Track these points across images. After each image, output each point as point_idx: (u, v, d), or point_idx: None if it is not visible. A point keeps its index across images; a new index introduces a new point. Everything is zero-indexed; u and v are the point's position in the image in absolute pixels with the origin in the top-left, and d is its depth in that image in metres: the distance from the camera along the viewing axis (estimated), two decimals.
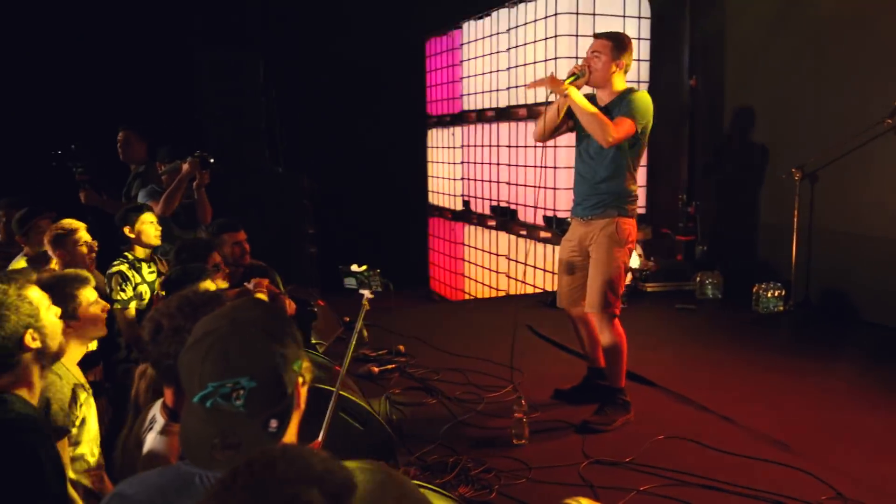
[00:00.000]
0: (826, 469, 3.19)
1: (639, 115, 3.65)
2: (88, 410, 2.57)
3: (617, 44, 3.74)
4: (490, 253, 8.07)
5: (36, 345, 2.05)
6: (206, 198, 4.91)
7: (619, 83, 3.79)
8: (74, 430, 2.47)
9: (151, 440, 1.93)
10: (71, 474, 2.45)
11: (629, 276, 6.13)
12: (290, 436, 1.40)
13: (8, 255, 4.34)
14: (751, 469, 3.25)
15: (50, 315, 2.13)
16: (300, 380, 1.38)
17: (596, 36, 3.86)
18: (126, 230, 4.00)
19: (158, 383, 2.01)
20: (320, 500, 0.97)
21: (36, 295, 2.11)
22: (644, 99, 3.71)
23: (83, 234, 3.70)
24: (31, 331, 2.04)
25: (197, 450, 1.34)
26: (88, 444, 2.57)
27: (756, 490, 3.03)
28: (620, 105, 3.71)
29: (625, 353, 3.81)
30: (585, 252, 3.86)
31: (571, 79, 3.74)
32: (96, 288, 2.78)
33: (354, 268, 2.67)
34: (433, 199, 9.49)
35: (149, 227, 4.03)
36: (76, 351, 2.64)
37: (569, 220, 3.94)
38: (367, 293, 2.57)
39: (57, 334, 2.14)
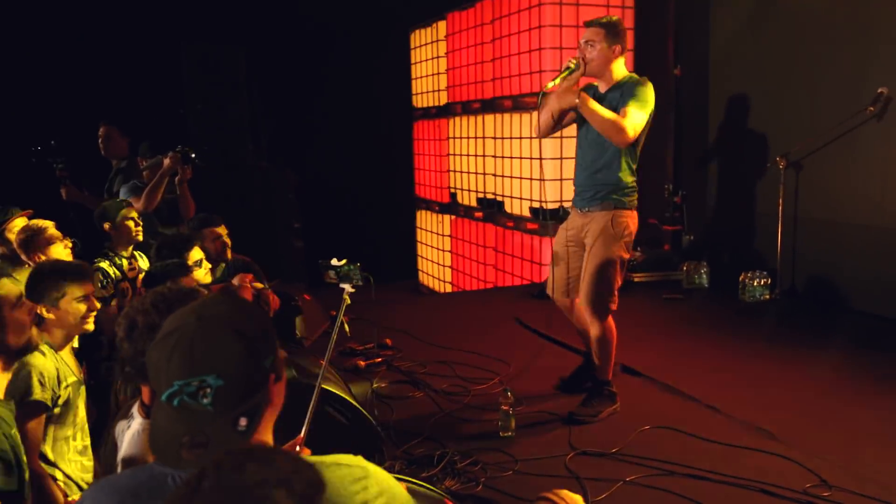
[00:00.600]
0: (811, 456, 3.20)
1: (647, 104, 3.52)
2: (78, 399, 2.58)
3: (610, 29, 3.61)
4: (477, 245, 8.06)
5: None
6: (189, 193, 4.87)
7: (619, 70, 3.66)
8: (57, 410, 2.48)
9: (129, 439, 1.91)
10: (49, 451, 2.47)
11: None
12: (267, 432, 1.37)
13: None
14: (736, 457, 3.25)
15: (15, 311, 2.14)
16: (272, 376, 1.35)
17: (586, 24, 3.71)
18: (106, 226, 3.97)
19: (135, 381, 1.99)
20: (289, 500, 0.96)
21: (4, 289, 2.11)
22: (649, 87, 3.56)
23: (53, 232, 3.63)
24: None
25: (165, 448, 1.32)
26: (73, 428, 2.58)
27: (741, 478, 3.04)
28: (624, 94, 3.58)
29: (614, 347, 3.79)
30: (581, 243, 3.78)
31: (566, 73, 3.63)
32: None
33: (334, 262, 2.65)
34: (420, 191, 9.47)
35: (129, 222, 3.99)
36: (59, 337, 2.66)
37: (568, 209, 3.85)
38: (347, 287, 2.55)
39: (20, 331, 2.16)
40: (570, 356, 4.51)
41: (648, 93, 3.55)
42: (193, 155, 4.72)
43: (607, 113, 3.52)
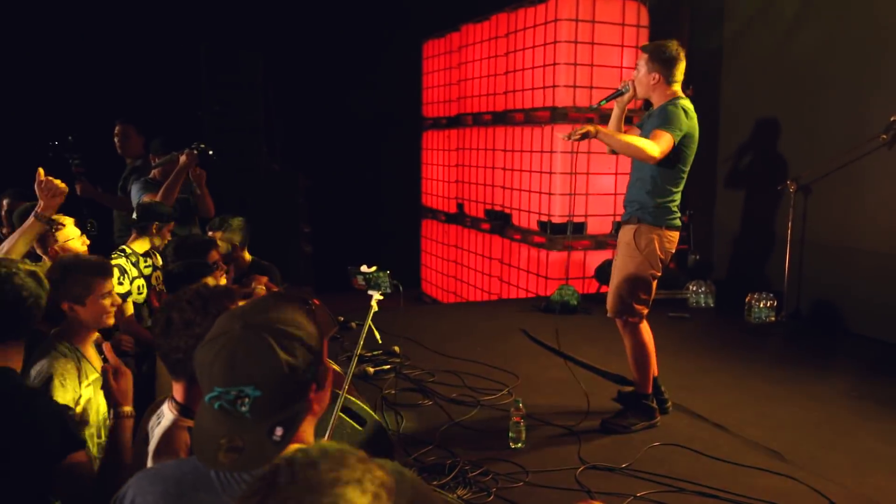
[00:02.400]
0: (818, 478, 3.22)
1: (673, 125, 3.55)
2: (98, 393, 2.58)
3: (653, 55, 3.69)
4: (483, 256, 8.08)
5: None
6: (208, 192, 4.90)
7: (660, 96, 3.71)
8: (79, 409, 2.48)
9: (159, 435, 1.93)
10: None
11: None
12: (308, 435, 1.39)
13: None
14: (745, 477, 3.27)
15: None
16: (314, 385, 1.36)
17: (641, 48, 3.84)
18: (155, 228, 4.01)
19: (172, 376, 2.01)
20: (361, 499, 0.98)
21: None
22: (678, 109, 3.60)
23: (72, 229, 3.64)
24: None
25: (204, 447, 1.34)
26: (94, 427, 2.59)
27: (750, 498, 3.05)
28: (652, 118, 3.68)
29: (650, 359, 3.82)
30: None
31: (615, 94, 3.81)
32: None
33: (364, 268, 2.67)
34: (427, 200, 9.50)
35: (166, 235, 4.04)
36: (84, 335, 2.68)
37: (576, 223, 3.95)
38: (376, 294, 2.57)
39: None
40: (579, 371, 4.54)
41: (673, 113, 3.59)
42: (211, 152, 4.73)
43: (625, 138, 3.62)
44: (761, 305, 5.86)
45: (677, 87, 3.72)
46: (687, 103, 3.66)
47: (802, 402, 4.23)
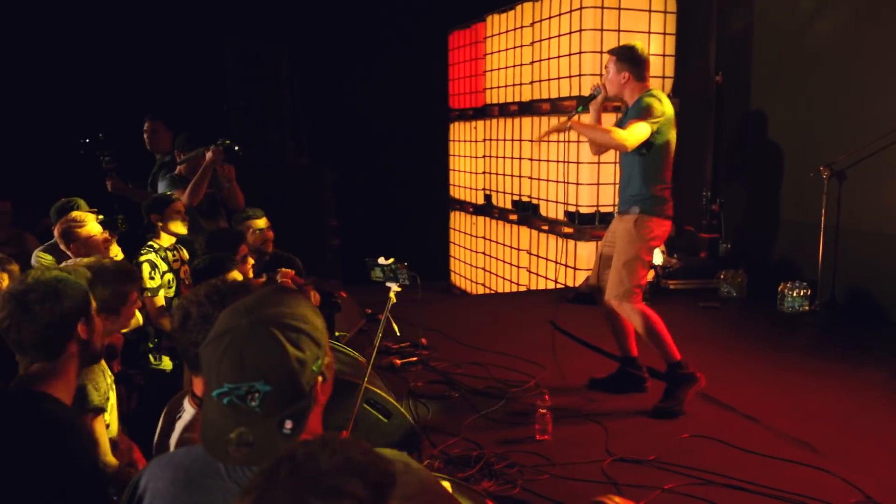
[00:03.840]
0: (852, 471, 3.15)
1: (648, 114, 3.73)
2: (113, 395, 2.61)
3: (620, 56, 3.89)
4: (511, 247, 8.05)
5: (84, 336, 1.99)
6: (238, 187, 4.95)
7: (631, 94, 3.90)
8: (107, 416, 2.51)
9: (180, 428, 1.94)
10: (111, 457, 2.50)
11: (651, 272, 6.11)
12: (318, 425, 1.40)
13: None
14: (776, 469, 3.22)
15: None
16: (320, 378, 1.36)
17: (607, 51, 4.02)
18: (154, 218, 4.03)
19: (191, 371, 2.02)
20: (363, 492, 0.98)
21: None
22: (653, 98, 3.79)
23: (93, 226, 3.68)
24: (84, 320, 1.99)
25: (213, 441, 1.34)
26: (113, 426, 2.62)
27: (781, 491, 3.00)
28: (629, 111, 3.88)
29: (662, 329, 3.87)
30: (615, 244, 4.00)
31: (589, 99, 4.04)
32: None
33: (381, 260, 2.67)
34: (454, 192, 9.48)
35: (176, 216, 4.06)
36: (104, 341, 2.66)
37: (604, 213, 4.07)
38: (394, 286, 2.57)
39: (100, 334, 2.09)
40: (604, 360, 4.50)
41: (648, 103, 3.78)
42: (237, 147, 4.76)
43: (597, 128, 3.97)
44: (794, 294, 5.75)
45: (648, 83, 3.92)
46: (658, 92, 3.88)
47: (836, 393, 4.15)
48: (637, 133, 3.70)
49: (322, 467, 0.99)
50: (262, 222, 4.42)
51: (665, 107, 3.79)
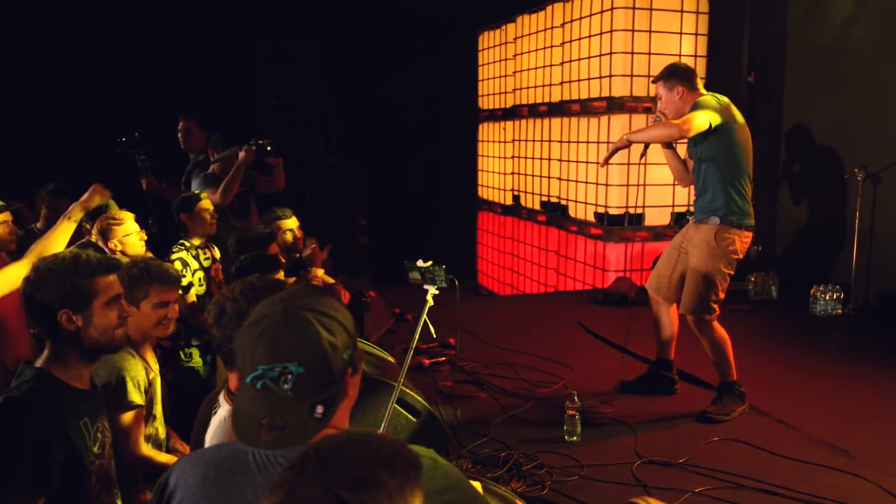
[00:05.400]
0: (887, 476, 3.11)
1: (701, 108, 3.68)
2: (155, 390, 2.65)
3: (668, 76, 3.87)
4: (539, 248, 8.03)
5: (70, 327, 2.00)
6: (283, 171, 5.15)
7: (691, 101, 3.83)
8: (155, 409, 2.54)
9: (215, 424, 1.97)
10: (145, 450, 2.53)
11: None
12: (344, 421, 1.42)
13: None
14: (809, 474, 3.18)
15: (105, 309, 2.06)
16: (350, 369, 1.39)
17: (652, 82, 3.99)
18: (183, 217, 4.08)
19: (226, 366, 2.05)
20: (391, 482, 0.99)
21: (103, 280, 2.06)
22: (705, 97, 3.78)
23: (131, 224, 3.72)
24: (66, 312, 1.99)
25: (245, 428, 1.37)
26: (153, 425, 2.65)
27: (814, 496, 2.97)
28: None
29: (730, 350, 3.86)
30: (684, 251, 3.94)
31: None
32: None
33: (420, 263, 2.68)
34: (483, 192, 9.48)
35: (206, 214, 4.10)
36: (140, 339, 2.66)
37: (688, 217, 4.03)
38: (431, 289, 2.58)
39: (108, 329, 2.07)
40: (634, 363, 4.47)
41: (705, 101, 3.75)
42: (269, 147, 4.82)
43: (652, 127, 3.87)
44: (827, 298, 5.67)
45: (701, 90, 3.88)
46: (714, 94, 3.83)
47: (871, 397, 4.09)
48: (694, 121, 3.62)
49: (348, 459, 1.00)
50: (291, 222, 4.46)
51: (723, 104, 3.74)
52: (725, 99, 3.82)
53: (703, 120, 3.63)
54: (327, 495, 0.96)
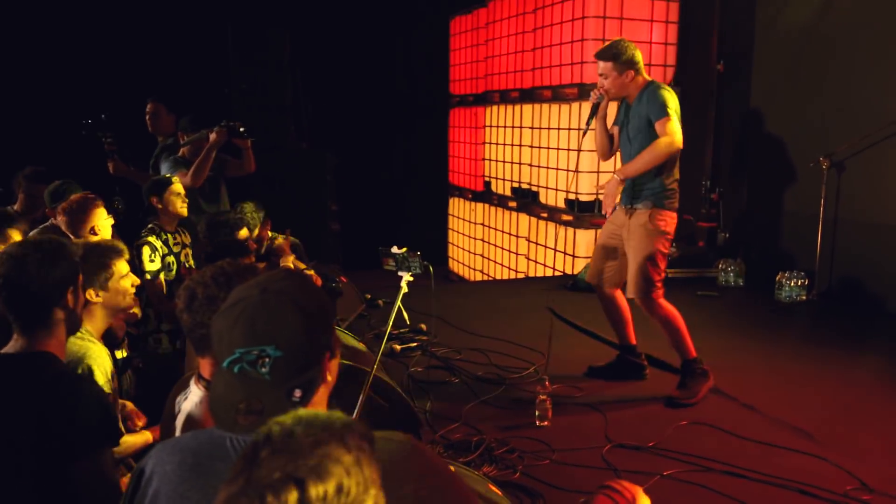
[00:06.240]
0: (850, 459, 3.18)
1: (671, 109, 3.73)
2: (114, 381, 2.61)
3: (616, 59, 3.84)
4: (510, 234, 8.06)
5: (70, 305, 2.05)
6: (252, 154, 5.03)
7: (638, 83, 3.87)
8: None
9: (186, 410, 1.95)
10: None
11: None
12: (321, 407, 1.41)
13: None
14: (774, 457, 3.25)
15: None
16: (328, 353, 1.39)
17: (596, 56, 3.95)
18: (154, 201, 4.02)
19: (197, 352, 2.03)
20: (346, 457, 0.99)
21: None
22: (667, 92, 3.80)
23: (102, 210, 3.65)
24: (72, 289, 2.04)
25: (222, 412, 1.37)
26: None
27: (780, 478, 3.03)
28: (646, 103, 3.79)
29: (682, 326, 3.92)
30: (622, 239, 3.97)
31: (595, 111, 3.98)
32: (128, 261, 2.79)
33: (394, 249, 2.67)
34: (453, 178, 9.47)
35: (176, 198, 4.04)
36: (102, 322, 2.63)
37: (617, 204, 3.99)
38: (406, 275, 2.58)
39: (82, 306, 2.15)
40: (603, 347, 4.52)
41: (668, 98, 3.77)
42: (242, 129, 4.77)
43: (647, 155, 3.75)
44: (792, 284, 5.78)
45: (647, 72, 3.94)
46: (660, 83, 3.88)
47: (834, 382, 4.18)
48: (677, 131, 3.70)
49: (301, 440, 1.00)
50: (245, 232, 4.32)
51: (673, 95, 3.80)
52: (670, 88, 3.88)
53: (678, 127, 3.72)
54: (285, 479, 0.96)
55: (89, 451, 1.94)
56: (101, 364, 2.41)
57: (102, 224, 3.50)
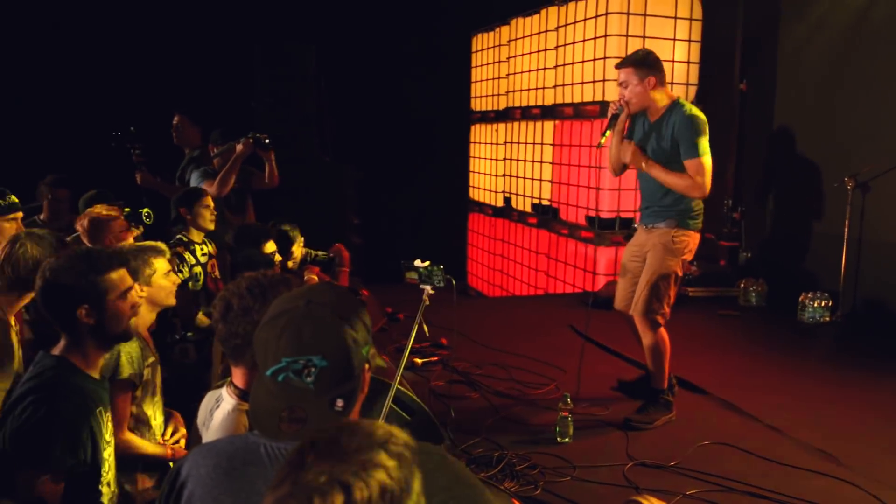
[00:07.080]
0: (874, 482, 3.15)
1: (704, 137, 3.60)
2: (156, 377, 2.66)
3: (638, 65, 3.69)
4: (529, 251, 8.06)
5: (88, 321, 2.08)
6: (276, 166, 5.10)
7: (661, 98, 3.74)
8: (139, 392, 2.55)
9: (220, 418, 1.97)
10: (127, 433, 2.54)
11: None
12: (355, 417, 1.44)
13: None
14: (798, 479, 3.22)
15: (119, 301, 2.14)
16: (367, 365, 1.42)
17: (617, 67, 3.82)
18: (183, 211, 4.08)
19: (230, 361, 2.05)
20: (389, 462, 1.01)
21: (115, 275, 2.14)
22: (699, 117, 3.63)
23: (121, 221, 3.71)
24: (85, 307, 2.07)
25: (265, 420, 1.40)
26: (152, 409, 2.66)
27: (803, 500, 3.00)
28: (675, 127, 3.65)
29: (667, 356, 3.82)
30: (644, 258, 3.88)
31: (613, 122, 3.80)
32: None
33: (417, 263, 2.70)
34: (473, 194, 9.50)
35: (205, 210, 4.10)
36: (147, 316, 2.77)
37: (635, 225, 3.94)
38: (427, 288, 2.59)
39: (122, 320, 2.16)
40: (626, 366, 4.51)
41: (701, 124, 3.62)
42: (267, 140, 4.85)
43: (676, 179, 3.65)
44: (815, 305, 5.73)
45: (670, 91, 3.79)
46: (688, 104, 3.70)
47: (860, 405, 4.13)
48: (707, 181, 3.59)
49: (346, 447, 1.02)
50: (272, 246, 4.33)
51: (705, 122, 3.65)
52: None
53: (709, 171, 3.59)
54: (331, 483, 0.98)
55: (11, 468, 1.95)
56: (129, 350, 2.49)
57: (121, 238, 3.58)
